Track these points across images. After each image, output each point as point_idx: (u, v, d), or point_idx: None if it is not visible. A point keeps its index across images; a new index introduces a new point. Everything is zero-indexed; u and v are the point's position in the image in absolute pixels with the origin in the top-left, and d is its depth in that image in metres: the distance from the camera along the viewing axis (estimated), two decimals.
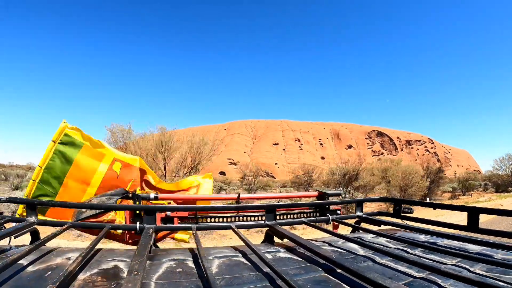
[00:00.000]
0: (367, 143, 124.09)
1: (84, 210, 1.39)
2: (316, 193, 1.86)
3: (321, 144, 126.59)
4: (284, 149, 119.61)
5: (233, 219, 1.34)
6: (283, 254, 1.03)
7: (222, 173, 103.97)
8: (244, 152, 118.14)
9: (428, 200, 25.20)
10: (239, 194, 1.79)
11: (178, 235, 1.62)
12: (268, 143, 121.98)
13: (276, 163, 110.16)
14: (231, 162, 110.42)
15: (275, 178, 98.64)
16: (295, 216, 1.47)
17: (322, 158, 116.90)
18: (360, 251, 1.07)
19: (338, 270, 0.83)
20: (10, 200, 1.18)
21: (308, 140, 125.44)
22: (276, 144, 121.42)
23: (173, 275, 0.79)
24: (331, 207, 1.54)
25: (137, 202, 1.55)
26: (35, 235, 1.15)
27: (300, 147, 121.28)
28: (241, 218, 1.36)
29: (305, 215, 1.50)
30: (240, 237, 1.07)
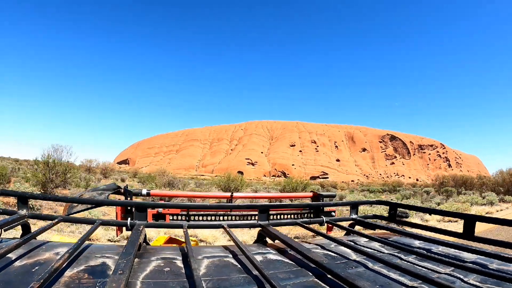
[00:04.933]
0: (381, 147, 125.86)
1: (75, 204, 1.35)
2: (311, 194, 1.81)
3: (336, 146, 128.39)
4: (300, 151, 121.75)
5: (225, 218, 1.31)
6: (273, 256, 1.00)
7: (240, 172, 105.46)
8: (262, 152, 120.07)
9: None
10: (232, 193, 1.76)
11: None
12: (285, 144, 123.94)
13: (292, 164, 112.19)
14: (249, 162, 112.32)
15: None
16: (289, 216, 1.43)
17: (337, 160, 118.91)
18: (353, 255, 1.04)
19: (329, 276, 0.80)
20: (2, 192, 1.15)
21: (324, 143, 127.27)
22: (293, 145, 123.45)
23: (160, 275, 0.77)
24: (326, 209, 1.50)
25: (128, 198, 1.48)
26: (26, 228, 1.14)
27: (316, 149, 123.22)
28: (233, 217, 1.32)
29: (299, 216, 1.47)
30: (231, 237, 1.04)
